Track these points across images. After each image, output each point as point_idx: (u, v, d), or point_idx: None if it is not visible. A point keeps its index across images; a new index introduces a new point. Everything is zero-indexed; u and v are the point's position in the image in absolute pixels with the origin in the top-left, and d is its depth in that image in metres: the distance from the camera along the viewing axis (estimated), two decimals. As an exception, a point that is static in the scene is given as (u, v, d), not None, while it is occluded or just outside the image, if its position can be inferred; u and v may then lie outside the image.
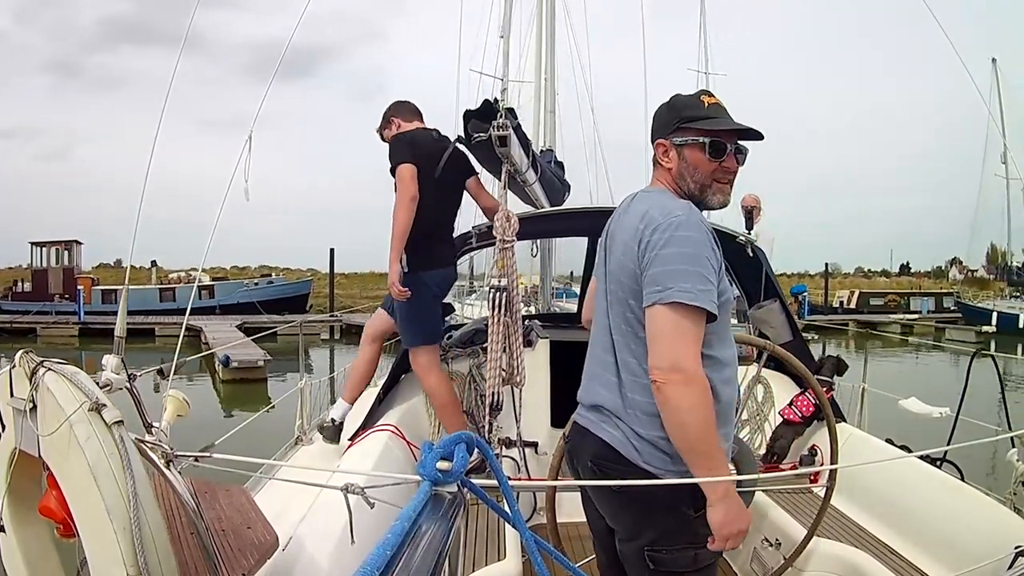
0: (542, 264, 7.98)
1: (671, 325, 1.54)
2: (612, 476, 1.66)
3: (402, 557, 1.03)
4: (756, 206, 6.55)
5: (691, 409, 1.52)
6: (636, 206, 1.77)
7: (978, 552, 2.24)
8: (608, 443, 1.70)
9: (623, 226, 1.76)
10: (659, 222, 1.62)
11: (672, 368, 1.52)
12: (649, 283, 1.59)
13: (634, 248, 1.65)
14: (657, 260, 1.58)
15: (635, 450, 1.65)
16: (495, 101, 3.30)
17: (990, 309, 29.05)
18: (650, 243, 1.61)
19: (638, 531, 1.69)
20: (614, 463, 1.68)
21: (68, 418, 1.37)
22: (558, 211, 4.74)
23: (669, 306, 1.54)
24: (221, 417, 11.05)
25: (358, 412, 3.72)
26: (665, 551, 1.65)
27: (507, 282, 3.35)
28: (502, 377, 3.38)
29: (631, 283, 1.67)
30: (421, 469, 1.26)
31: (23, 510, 1.66)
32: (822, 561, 2.54)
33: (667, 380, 1.52)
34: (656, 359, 1.55)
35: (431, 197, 3.18)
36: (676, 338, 1.54)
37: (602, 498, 1.78)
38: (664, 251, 1.58)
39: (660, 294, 1.55)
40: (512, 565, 2.41)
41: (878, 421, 3.94)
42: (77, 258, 28.21)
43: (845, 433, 3.30)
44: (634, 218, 1.71)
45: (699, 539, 1.64)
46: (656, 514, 1.66)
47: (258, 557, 1.78)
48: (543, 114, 9.94)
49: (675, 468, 1.62)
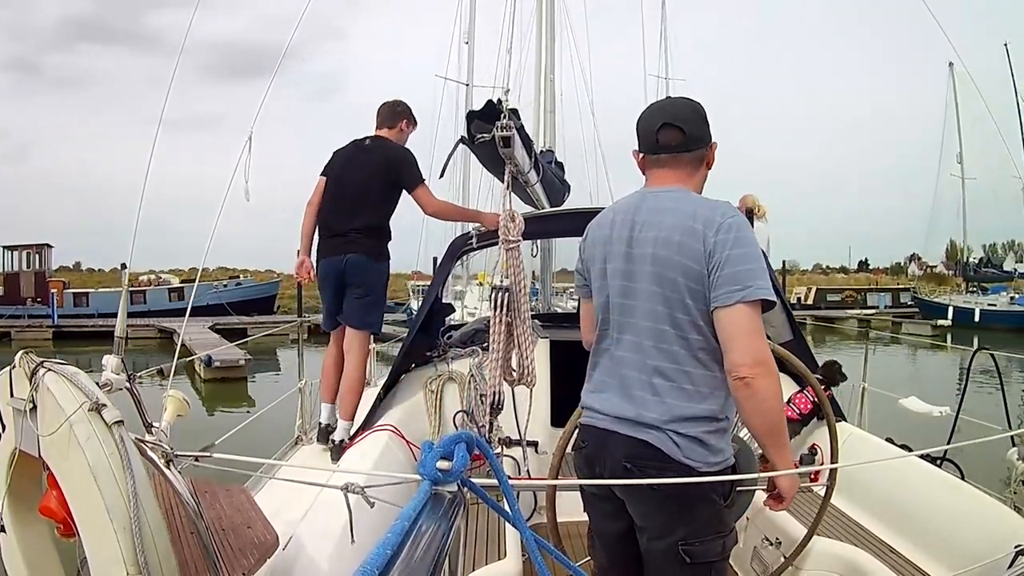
0: (542, 264, 7.97)
1: (752, 322, 1.61)
2: (652, 474, 1.65)
3: (402, 556, 1.03)
4: (755, 207, 6.57)
5: (775, 397, 1.64)
6: (671, 205, 1.74)
7: (978, 551, 2.24)
8: (646, 441, 1.69)
9: (661, 226, 1.71)
10: (719, 222, 1.65)
11: (757, 362, 1.59)
12: (726, 282, 1.61)
13: (696, 248, 1.65)
14: (732, 259, 1.62)
15: (676, 446, 1.66)
16: (498, 102, 3.30)
17: (946, 304, 30.07)
18: (717, 243, 1.63)
19: (673, 526, 1.69)
20: (652, 460, 1.67)
21: (68, 418, 1.37)
22: (559, 211, 4.75)
23: (751, 304, 1.60)
24: (205, 415, 11.19)
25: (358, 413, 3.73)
26: (699, 543, 1.68)
27: (512, 282, 3.35)
28: (512, 378, 3.36)
29: (691, 283, 1.65)
30: (421, 469, 1.26)
31: (23, 510, 1.66)
32: (822, 560, 2.54)
33: (755, 374, 1.58)
34: (740, 356, 1.60)
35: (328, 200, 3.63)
36: (756, 334, 1.61)
37: (637, 497, 1.74)
38: (736, 251, 1.62)
39: (742, 292, 1.60)
40: (512, 565, 2.40)
41: (876, 421, 3.94)
42: (47, 261, 28.37)
43: (845, 432, 3.30)
44: (680, 218, 1.69)
45: (727, 527, 1.73)
46: (694, 508, 1.68)
47: (258, 557, 1.78)
48: (543, 114, 9.93)
49: (714, 460, 1.67)
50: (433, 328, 4.50)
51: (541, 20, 9.30)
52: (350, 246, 3.50)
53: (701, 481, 1.64)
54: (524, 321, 3.30)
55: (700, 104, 1.85)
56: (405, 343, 4.36)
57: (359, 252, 3.50)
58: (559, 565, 1.50)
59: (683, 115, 1.81)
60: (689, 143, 1.80)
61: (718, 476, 1.66)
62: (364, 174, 3.55)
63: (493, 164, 3.97)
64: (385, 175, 3.53)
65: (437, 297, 4.52)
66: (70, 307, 25.99)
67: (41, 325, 23.92)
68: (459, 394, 3.84)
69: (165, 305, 26.95)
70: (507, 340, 3.26)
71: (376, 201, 3.54)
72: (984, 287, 33.76)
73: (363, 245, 3.50)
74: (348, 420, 3.50)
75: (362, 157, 3.62)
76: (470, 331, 4.87)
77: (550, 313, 6.86)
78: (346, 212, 3.55)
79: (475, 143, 3.36)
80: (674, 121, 1.79)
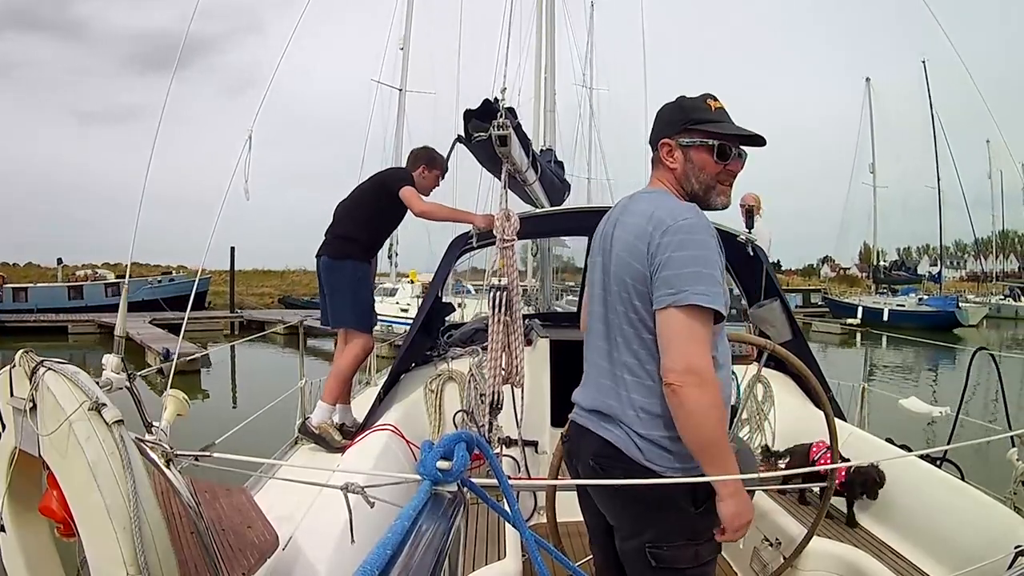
0: (542, 264, 7.98)
1: (685, 328, 1.55)
2: (614, 475, 1.66)
3: (402, 556, 1.03)
4: (756, 205, 6.54)
5: (707, 410, 1.54)
6: (638, 206, 1.75)
7: (978, 552, 2.24)
8: (609, 441, 1.70)
9: (625, 226, 1.74)
10: (668, 224, 1.62)
11: (687, 370, 1.53)
12: (662, 285, 1.59)
13: (642, 249, 1.64)
14: (670, 263, 1.58)
15: (637, 449, 1.66)
16: (495, 101, 3.30)
17: (856, 304, 32.10)
18: (660, 245, 1.60)
19: (639, 528, 1.70)
20: (616, 461, 1.68)
21: (68, 418, 1.37)
22: (556, 211, 4.74)
23: (684, 309, 1.55)
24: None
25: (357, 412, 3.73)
26: (666, 547, 1.66)
27: (508, 282, 3.35)
28: (501, 376, 3.38)
29: (638, 284, 1.66)
30: (421, 468, 1.26)
31: (23, 510, 1.66)
32: (822, 561, 2.54)
33: (683, 383, 1.53)
34: (670, 362, 1.56)
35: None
36: (690, 340, 1.55)
37: (603, 496, 1.78)
38: (677, 254, 1.58)
39: (674, 296, 1.56)
40: (512, 564, 2.41)
41: (876, 420, 3.94)
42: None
43: (845, 432, 3.30)
44: (638, 218, 1.70)
45: (699, 535, 1.66)
46: (657, 511, 1.66)
47: (258, 557, 1.78)
48: (543, 113, 9.94)
49: (679, 466, 1.64)
50: (433, 328, 4.51)
51: (541, 20, 9.30)
52: (323, 248, 3.70)
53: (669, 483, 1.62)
54: (516, 320, 3.31)
55: (679, 101, 1.81)
56: (405, 343, 4.36)
57: (326, 253, 3.68)
58: (559, 565, 1.50)
59: (659, 116, 1.84)
60: (651, 141, 1.83)
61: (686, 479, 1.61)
62: (360, 189, 3.83)
63: (491, 163, 3.98)
64: (374, 184, 3.77)
65: (437, 297, 4.52)
66: (9, 302, 26.14)
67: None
68: (459, 394, 3.84)
69: (102, 300, 27.42)
70: (504, 339, 3.27)
71: (361, 211, 3.71)
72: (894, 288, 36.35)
73: (331, 246, 3.68)
74: (324, 402, 3.59)
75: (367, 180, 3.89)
76: (470, 331, 4.87)
77: (550, 313, 6.86)
78: (333, 219, 3.75)
79: (472, 142, 3.36)
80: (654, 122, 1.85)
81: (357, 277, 3.69)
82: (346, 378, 3.73)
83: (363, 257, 3.72)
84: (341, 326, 3.73)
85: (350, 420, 3.70)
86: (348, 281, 3.66)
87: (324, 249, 3.70)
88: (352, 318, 3.70)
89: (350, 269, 3.66)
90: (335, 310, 3.70)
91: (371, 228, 3.75)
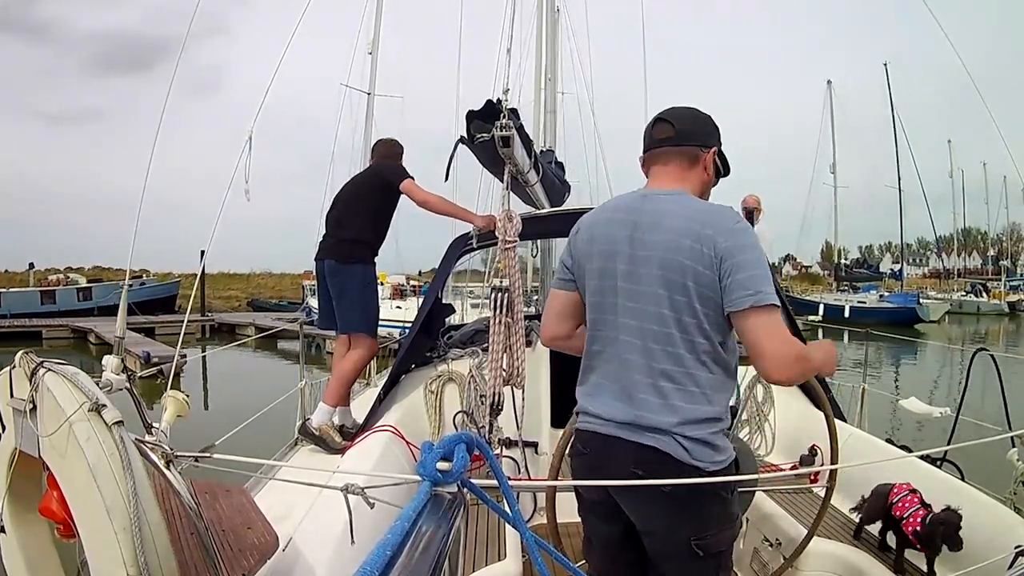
0: (542, 264, 7.97)
1: (774, 325, 1.64)
2: (662, 479, 1.65)
3: (402, 557, 1.03)
4: (757, 207, 6.54)
5: (814, 371, 1.78)
6: (670, 207, 1.74)
7: (978, 552, 2.24)
8: (653, 447, 1.68)
9: (673, 228, 1.70)
10: (728, 226, 1.67)
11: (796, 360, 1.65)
12: (738, 288, 1.63)
13: (701, 251, 1.65)
14: (744, 265, 1.64)
15: (684, 449, 1.67)
16: (498, 102, 3.30)
17: (817, 301, 32.76)
18: (727, 247, 1.64)
19: (684, 525, 1.71)
20: (663, 465, 1.67)
21: (68, 418, 1.37)
22: (558, 211, 4.74)
23: (766, 308, 1.62)
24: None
25: (357, 412, 3.73)
26: (708, 536, 1.72)
27: (510, 283, 3.35)
28: (502, 377, 3.38)
29: (701, 288, 1.66)
30: (421, 469, 1.26)
31: (23, 510, 1.66)
32: (822, 561, 2.54)
33: (789, 377, 1.69)
34: (775, 361, 1.63)
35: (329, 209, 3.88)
36: (776, 336, 1.63)
37: (643, 500, 1.72)
38: (746, 256, 1.64)
39: (755, 297, 1.62)
40: (512, 565, 2.40)
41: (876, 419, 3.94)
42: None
43: (845, 432, 3.30)
44: (681, 221, 1.70)
45: (733, 518, 1.78)
46: (706, 504, 1.71)
47: (258, 557, 1.78)
48: (543, 114, 9.93)
49: (719, 459, 1.70)
50: (433, 328, 4.51)
51: (542, 20, 9.30)
52: (327, 251, 3.68)
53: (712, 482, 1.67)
54: (517, 321, 3.31)
55: (704, 113, 1.90)
56: (405, 343, 4.36)
57: (332, 257, 3.65)
58: (559, 566, 1.50)
59: (677, 113, 1.87)
60: (678, 138, 1.83)
61: (721, 475, 1.69)
62: (355, 185, 3.83)
63: (492, 164, 3.97)
64: (371, 179, 3.79)
65: (437, 297, 4.52)
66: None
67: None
68: (459, 394, 3.84)
69: (74, 305, 27.50)
70: (506, 340, 3.27)
71: (367, 212, 3.70)
72: (856, 286, 37.12)
73: (338, 250, 3.65)
74: (326, 403, 3.58)
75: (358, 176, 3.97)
76: (470, 331, 4.87)
77: None
78: (334, 220, 3.73)
79: (474, 143, 3.36)
80: (667, 117, 1.85)
81: (366, 281, 3.68)
82: (350, 381, 3.73)
83: (371, 260, 3.72)
84: (349, 331, 3.70)
85: (350, 422, 3.70)
86: (358, 286, 3.64)
87: (329, 252, 3.66)
88: (361, 322, 3.69)
89: (359, 273, 3.65)
90: (343, 314, 3.66)
91: (377, 229, 3.75)
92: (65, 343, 22.40)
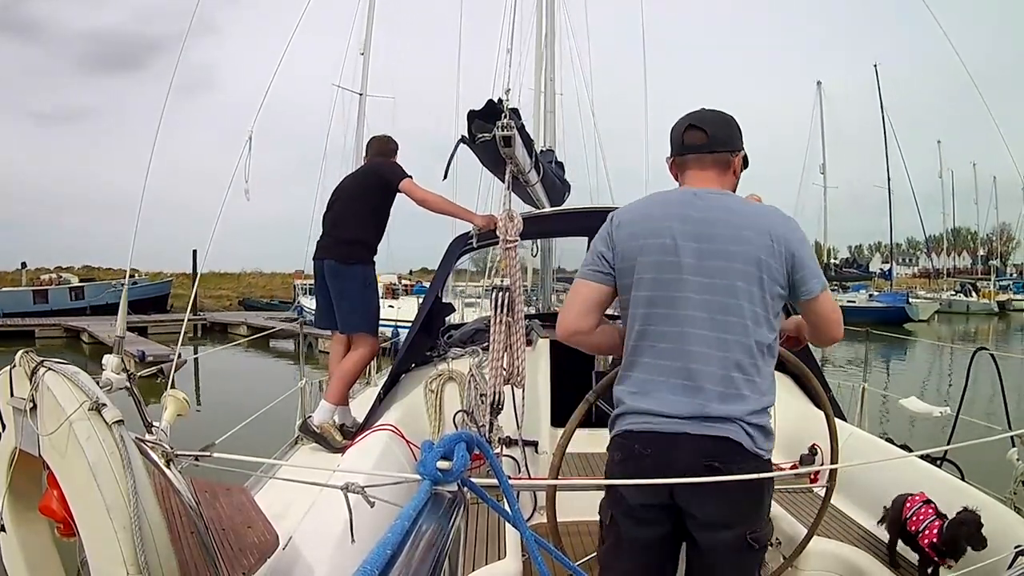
0: (542, 264, 7.97)
1: (833, 302, 1.90)
2: (733, 470, 1.66)
3: (402, 556, 1.03)
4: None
5: None
6: (734, 203, 1.84)
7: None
8: (725, 437, 1.70)
9: (741, 225, 1.77)
10: (792, 226, 1.82)
11: (841, 331, 1.93)
12: (810, 277, 1.80)
13: (776, 249, 1.75)
14: (806, 258, 1.80)
15: (750, 438, 1.71)
16: (499, 101, 3.29)
17: None
18: (794, 241, 1.79)
19: (742, 518, 1.74)
20: (735, 454, 1.70)
21: (68, 418, 1.37)
22: (559, 211, 4.75)
23: (827, 291, 1.86)
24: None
25: (357, 411, 3.73)
26: (760, 530, 1.77)
27: (510, 282, 3.35)
28: (502, 376, 3.38)
29: (773, 282, 1.76)
30: (421, 468, 1.26)
31: (23, 510, 1.66)
32: (822, 560, 2.53)
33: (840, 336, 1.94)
34: (837, 331, 1.91)
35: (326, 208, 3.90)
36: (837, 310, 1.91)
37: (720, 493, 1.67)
38: (807, 250, 1.83)
39: (821, 283, 1.84)
40: (512, 564, 2.40)
41: (876, 419, 3.94)
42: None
43: (845, 432, 3.30)
44: (757, 219, 1.80)
45: (769, 511, 1.84)
46: (762, 496, 1.77)
47: (258, 556, 1.78)
48: (543, 114, 9.94)
49: (770, 446, 1.77)
50: (433, 328, 4.51)
51: (541, 20, 9.30)
52: (326, 251, 3.68)
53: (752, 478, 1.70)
54: (518, 321, 3.31)
55: (730, 115, 1.94)
56: (405, 343, 4.36)
57: (332, 257, 3.65)
58: (559, 565, 1.50)
59: (708, 119, 1.91)
60: (713, 144, 1.88)
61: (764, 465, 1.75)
62: (352, 185, 3.84)
63: (493, 164, 3.97)
64: (368, 179, 3.79)
65: (437, 297, 4.52)
66: None
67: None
68: (459, 394, 3.84)
69: (67, 304, 27.57)
70: (506, 340, 3.27)
71: (366, 212, 3.70)
72: (845, 285, 37.61)
73: (338, 250, 3.65)
74: (328, 402, 3.59)
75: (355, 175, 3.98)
76: (470, 331, 4.87)
77: (550, 313, 6.86)
78: (331, 220, 3.74)
79: (476, 143, 3.36)
80: (699, 123, 1.89)
81: (367, 282, 3.69)
82: (351, 380, 3.73)
83: (370, 260, 3.73)
84: (350, 331, 3.71)
85: (350, 420, 3.70)
86: (358, 287, 3.65)
87: (328, 252, 3.67)
88: (363, 323, 3.69)
89: (360, 274, 3.66)
90: (344, 315, 3.67)
91: (376, 228, 3.76)
92: (58, 342, 22.44)
